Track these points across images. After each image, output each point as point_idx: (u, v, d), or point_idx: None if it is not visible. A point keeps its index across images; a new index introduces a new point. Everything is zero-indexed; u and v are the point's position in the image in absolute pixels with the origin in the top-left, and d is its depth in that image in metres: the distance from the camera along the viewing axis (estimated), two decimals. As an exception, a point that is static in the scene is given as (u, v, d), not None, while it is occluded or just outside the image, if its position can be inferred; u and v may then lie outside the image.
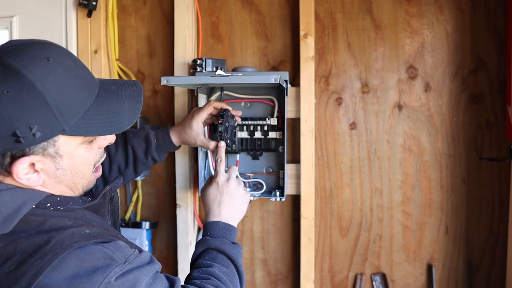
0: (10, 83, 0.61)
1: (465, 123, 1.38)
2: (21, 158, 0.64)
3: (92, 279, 0.60)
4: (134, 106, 0.74)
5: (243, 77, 1.13)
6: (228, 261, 0.91)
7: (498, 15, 1.34)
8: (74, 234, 0.63)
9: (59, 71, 0.65)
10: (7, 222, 0.62)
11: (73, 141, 0.68)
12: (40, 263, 0.58)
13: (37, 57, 0.64)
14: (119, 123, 0.71)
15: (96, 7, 1.42)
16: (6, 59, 0.62)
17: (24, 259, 0.59)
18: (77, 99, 0.66)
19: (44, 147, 0.65)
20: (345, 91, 1.42)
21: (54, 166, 0.68)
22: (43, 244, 0.60)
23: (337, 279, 1.47)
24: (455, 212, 1.40)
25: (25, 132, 0.62)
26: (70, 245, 0.61)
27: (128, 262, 0.64)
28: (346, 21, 1.40)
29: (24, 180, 0.66)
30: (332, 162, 1.44)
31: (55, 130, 0.65)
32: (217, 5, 1.46)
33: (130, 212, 1.51)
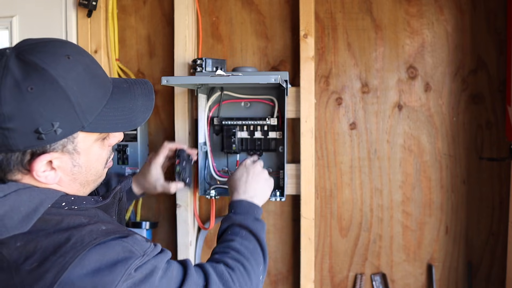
0: (33, 80, 0.61)
1: (465, 123, 1.38)
2: (42, 155, 0.65)
3: (114, 271, 0.61)
4: (147, 103, 0.76)
5: (243, 77, 1.13)
6: (251, 236, 0.93)
7: (498, 15, 1.34)
8: (93, 231, 0.64)
9: (79, 69, 0.66)
10: (25, 221, 0.62)
11: (90, 138, 0.70)
12: (62, 261, 0.59)
13: (58, 55, 0.64)
14: (134, 120, 0.73)
15: (96, 7, 1.42)
16: (28, 56, 0.62)
17: (45, 257, 0.60)
18: (95, 96, 0.68)
19: (64, 144, 0.66)
20: (345, 91, 1.42)
21: (71, 163, 0.69)
22: (64, 242, 0.61)
23: (337, 279, 1.47)
24: (455, 212, 1.40)
25: (48, 129, 0.62)
26: (90, 242, 0.62)
27: (146, 255, 0.66)
28: (346, 21, 1.40)
29: (42, 178, 0.67)
30: (332, 162, 1.44)
31: (75, 126, 0.66)
32: (217, 5, 1.46)
33: (130, 212, 1.51)
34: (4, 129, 0.61)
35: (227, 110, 1.39)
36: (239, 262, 0.86)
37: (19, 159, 0.65)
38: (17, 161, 0.65)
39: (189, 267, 0.74)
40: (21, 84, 0.61)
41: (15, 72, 0.61)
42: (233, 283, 0.80)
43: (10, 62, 0.62)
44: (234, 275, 0.82)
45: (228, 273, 0.81)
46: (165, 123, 1.50)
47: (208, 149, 1.36)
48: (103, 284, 0.60)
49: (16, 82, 0.61)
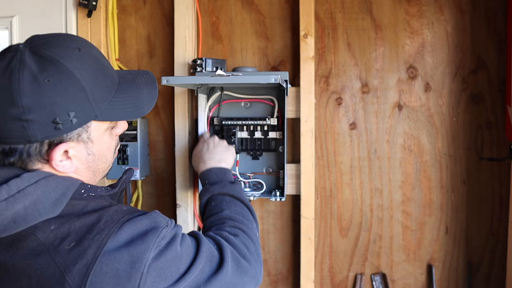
0: (49, 72, 0.64)
1: (465, 123, 1.38)
2: (59, 144, 0.68)
3: (145, 240, 0.67)
4: (151, 91, 0.80)
5: (243, 77, 1.13)
6: (234, 200, 1.00)
7: (498, 15, 1.34)
8: (118, 211, 0.70)
9: (90, 60, 0.70)
10: (56, 205, 0.66)
11: (102, 127, 0.74)
12: (100, 238, 0.64)
13: (70, 48, 0.68)
14: (140, 108, 0.78)
15: (96, 7, 1.42)
16: (42, 51, 0.66)
17: (82, 236, 0.64)
18: (106, 86, 0.72)
19: (79, 133, 0.70)
20: (345, 91, 1.42)
21: (86, 151, 0.73)
22: (96, 221, 0.66)
23: (337, 279, 1.47)
24: (455, 212, 1.40)
25: (64, 119, 0.66)
26: (120, 219, 0.68)
27: (168, 226, 0.73)
28: (346, 21, 1.40)
29: (60, 167, 0.70)
30: (332, 162, 1.44)
31: (89, 116, 0.69)
32: (217, 5, 1.46)
33: (130, 212, 1.51)
34: (23, 120, 0.64)
35: (227, 110, 1.39)
36: (237, 228, 0.92)
37: (38, 150, 0.68)
38: (36, 151, 0.68)
39: (200, 236, 0.81)
40: (39, 77, 0.64)
41: (31, 65, 0.64)
42: (241, 245, 0.87)
43: (26, 57, 0.64)
44: (238, 239, 0.88)
45: (234, 238, 0.87)
46: (165, 123, 1.50)
47: (208, 149, 1.36)
48: (138, 252, 0.66)
49: (33, 75, 0.64)
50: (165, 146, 1.51)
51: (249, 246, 0.89)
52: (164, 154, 1.51)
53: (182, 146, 1.41)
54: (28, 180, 0.65)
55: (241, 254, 0.85)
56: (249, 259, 0.86)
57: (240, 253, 0.85)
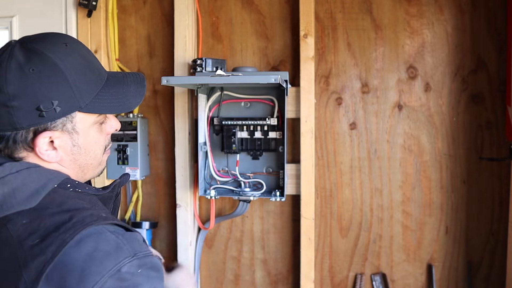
0: (34, 62, 0.69)
1: (465, 123, 1.38)
2: (43, 132, 0.70)
3: (103, 263, 0.64)
4: (139, 89, 0.82)
5: (243, 77, 1.13)
6: None
7: (498, 15, 1.34)
8: (93, 215, 0.68)
9: (76, 55, 0.73)
10: (34, 196, 0.67)
11: (88, 120, 0.75)
12: (63, 237, 0.63)
13: (56, 43, 0.72)
14: (127, 103, 0.79)
15: (96, 7, 1.41)
16: (30, 44, 0.70)
17: (48, 234, 0.64)
18: (91, 80, 0.74)
19: (63, 123, 0.72)
20: (345, 91, 1.42)
21: (71, 142, 0.74)
22: (66, 221, 0.65)
23: (337, 279, 1.47)
24: (455, 212, 1.40)
25: (48, 107, 0.69)
26: (91, 222, 0.65)
27: (136, 257, 0.67)
28: (346, 21, 1.40)
29: (45, 156, 0.72)
30: (332, 162, 1.44)
31: (73, 106, 0.72)
32: (217, 5, 1.46)
33: (130, 212, 1.51)
34: (9, 107, 0.68)
35: (227, 110, 1.39)
36: None
37: (24, 137, 0.70)
38: (22, 138, 0.70)
39: None
40: (24, 67, 0.68)
41: (19, 57, 0.69)
42: None
43: (15, 49, 0.70)
44: None
45: None
46: (165, 123, 1.50)
47: (208, 149, 1.36)
48: (91, 272, 0.63)
49: (19, 65, 0.68)
50: (165, 146, 1.51)
51: None
52: (164, 154, 1.51)
53: (182, 146, 1.41)
54: (10, 169, 0.68)
55: None
56: None
57: None
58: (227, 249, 1.51)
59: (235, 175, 1.36)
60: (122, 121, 1.42)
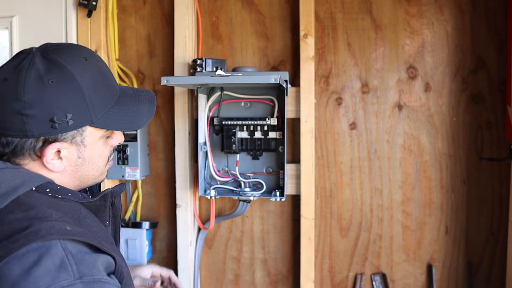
0: (54, 75, 0.69)
1: (465, 123, 1.38)
2: (53, 143, 0.71)
3: (38, 282, 0.59)
4: (150, 108, 0.83)
5: (243, 77, 1.13)
6: None
7: (498, 15, 1.34)
8: (53, 227, 0.64)
9: (94, 70, 0.74)
10: (2, 198, 0.66)
11: (96, 134, 0.76)
12: (10, 247, 0.61)
13: (77, 56, 0.73)
14: (136, 122, 0.80)
15: (96, 7, 1.41)
16: (52, 55, 0.71)
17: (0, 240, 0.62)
18: (105, 96, 0.76)
19: (73, 135, 0.73)
20: (345, 91, 1.42)
21: (77, 154, 0.75)
22: (21, 230, 0.63)
23: (337, 279, 1.47)
24: (455, 212, 1.40)
25: (61, 119, 0.70)
26: (44, 236, 0.62)
27: (81, 281, 0.62)
28: (346, 21, 1.40)
29: (50, 165, 0.73)
30: (332, 162, 1.44)
31: (85, 120, 0.73)
32: (217, 5, 1.46)
33: (130, 212, 1.51)
34: (23, 115, 0.68)
35: (227, 110, 1.39)
36: None
37: (32, 145, 0.71)
38: (30, 146, 0.71)
39: None
40: (44, 77, 0.69)
41: (39, 66, 0.69)
42: None
43: (36, 59, 0.70)
44: None
45: None
46: (165, 123, 1.50)
47: (208, 149, 1.36)
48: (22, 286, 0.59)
49: (39, 75, 0.69)
50: (165, 146, 1.51)
51: None
52: (164, 154, 1.51)
53: (182, 146, 1.41)
54: None
55: None
56: None
57: None
58: (227, 249, 1.51)
59: (235, 175, 1.36)
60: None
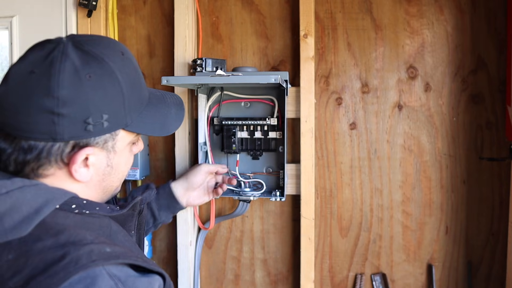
0: (92, 68, 0.61)
1: (465, 123, 1.38)
2: (85, 148, 0.63)
3: None
4: (179, 112, 0.77)
5: (243, 77, 1.13)
6: None
7: (498, 15, 1.34)
8: (93, 251, 0.56)
9: (131, 67, 0.67)
10: (26, 222, 0.56)
11: (127, 139, 0.69)
12: (49, 282, 0.52)
13: (114, 50, 0.65)
14: (167, 126, 0.74)
15: (96, 7, 1.42)
16: (87, 46, 0.63)
17: (33, 276, 0.53)
18: (140, 96, 0.69)
19: (106, 140, 0.65)
20: (345, 91, 1.42)
21: (106, 162, 0.67)
22: (57, 260, 0.54)
23: (337, 279, 1.47)
24: (455, 212, 1.40)
25: (97, 120, 0.61)
26: (86, 264, 0.54)
27: None
28: (346, 21, 1.40)
29: (77, 174, 0.64)
30: (332, 162, 1.44)
31: (121, 122, 0.65)
32: (217, 5, 1.46)
33: (130, 212, 1.51)
34: (55, 114, 0.59)
35: (227, 110, 1.39)
36: None
37: (61, 150, 0.62)
38: (58, 151, 0.62)
39: None
40: (80, 71, 0.60)
41: (74, 59, 0.61)
42: None
43: (69, 49, 0.61)
44: None
45: None
46: (165, 123, 1.50)
47: (208, 149, 1.36)
48: None
49: (75, 68, 0.60)
50: (165, 146, 1.51)
51: None
52: (164, 154, 1.51)
53: (182, 146, 1.41)
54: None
55: None
56: None
57: None
58: (227, 249, 1.51)
59: (235, 175, 1.36)
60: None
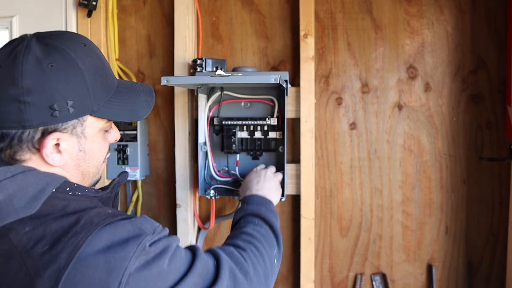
0: (53, 57, 0.65)
1: (465, 123, 1.38)
2: (52, 133, 0.67)
3: (126, 247, 0.62)
4: (148, 99, 0.81)
5: (243, 77, 1.13)
6: (263, 223, 0.98)
7: (498, 15, 1.34)
8: (100, 213, 0.65)
9: (94, 56, 0.71)
10: (33, 202, 0.62)
11: (97, 125, 0.73)
12: (75, 241, 0.60)
13: (76, 41, 0.70)
14: (136, 112, 0.78)
15: (96, 7, 1.41)
16: (49, 40, 0.67)
17: (57, 239, 0.60)
18: (106, 84, 0.73)
19: (74, 125, 0.69)
20: (345, 91, 1.42)
21: (78, 147, 0.71)
22: (73, 224, 0.62)
23: (337, 279, 1.47)
24: (455, 212, 1.40)
25: (62, 106, 0.66)
26: (100, 222, 0.63)
27: (156, 233, 0.67)
28: (346, 21, 1.40)
29: (50, 158, 0.68)
30: (332, 162, 1.44)
31: (87, 108, 0.69)
32: (217, 5, 1.46)
33: (130, 212, 1.51)
34: (21, 102, 0.64)
35: (227, 110, 1.39)
36: (251, 244, 0.87)
37: (31, 136, 0.66)
38: (29, 138, 0.66)
39: (198, 250, 0.75)
40: (42, 61, 0.65)
41: (36, 51, 0.65)
42: (245, 261, 0.80)
43: (32, 43, 0.66)
44: (245, 254, 0.82)
45: (239, 253, 0.82)
46: (165, 123, 1.50)
47: (208, 149, 1.36)
48: (116, 259, 0.61)
49: (37, 59, 0.65)
50: (165, 146, 1.51)
51: (256, 265, 0.82)
52: (164, 154, 1.51)
53: (182, 146, 1.41)
54: (4, 174, 0.62)
55: (242, 271, 0.78)
56: (250, 278, 0.79)
57: (242, 270, 0.78)
58: (227, 249, 1.51)
59: (235, 175, 1.36)
60: (122, 121, 1.42)
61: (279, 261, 0.94)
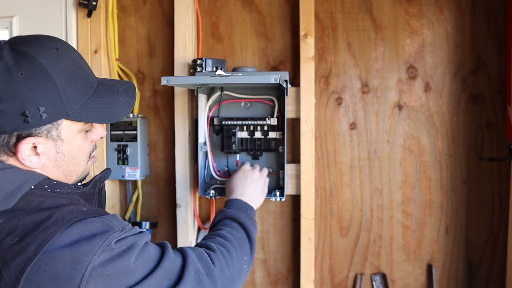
0: (23, 66, 0.67)
1: (465, 123, 1.38)
2: (27, 138, 0.69)
3: (92, 242, 0.64)
4: (129, 99, 0.81)
5: (243, 77, 1.13)
6: (240, 228, 0.99)
7: (498, 15, 1.34)
8: (73, 210, 0.67)
9: (66, 60, 0.71)
10: (9, 198, 0.66)
11: (74, 127, 0.74)
12: (44, 235, 0.63)
13: (48, 47, 0.70)
14: (115, 113, 0.78)
15: (96, 7, 1.42)
16: (20, 46, 0.68)
17: (27, 232, 0.63)
18: (81, 87, 0.73)
19: (48, 129, 0.70)
20: (345, 91, 1.42)
21: (55, 149, 0.73)
22: (45, 219, 0.65)
23: (337, 279, 1.47)
24: (455, 212, 1.40)
25: (34, 112, 0.67)
26: (71, 219, 0.65)
27: (124, 231, 0.69)
28: (346, 21, 1.40)
29: (26, 161, 0.71)
30: (332, 162, 1.44)
31: (60, 113, 0.70)
32: (217, 5, 1.46)
33: (130, 212, 1.51)
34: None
35: (227, 110, 1.39)
36: (224, 246, 0.89)
37: (5, 141, 0.69)
38: (4, 142, 0.69)
39: (167, 248, 0.77)
40: (12, 69, 0.66)
41: (7, 59, 0.67)
42: (213, 263, 0.82)
43: (4, 51, 0.67)
44: (215, 256, 0.84)
45: (208, 254, 0.83)
46: (165, 123, 1.50)
47: (208, 149, 1.36)
48: (81, 253, 0.63)
49: (7, 67, 0.66)
50: (165, 146, 1.51)
51: (224, 267, 0.84)
52: (164, 154, 1.51)
53: (182, 146, 1.41)
54: None
55: (208, 272, 0.80)
56: (215, 280, 0.80)
57: (208, 271, 0.80)
58: (227, 249, 1.51)
59: (235, 175, 1.36)
60: (122, 121, 1.42)
61: (249, 267, 0.96)
